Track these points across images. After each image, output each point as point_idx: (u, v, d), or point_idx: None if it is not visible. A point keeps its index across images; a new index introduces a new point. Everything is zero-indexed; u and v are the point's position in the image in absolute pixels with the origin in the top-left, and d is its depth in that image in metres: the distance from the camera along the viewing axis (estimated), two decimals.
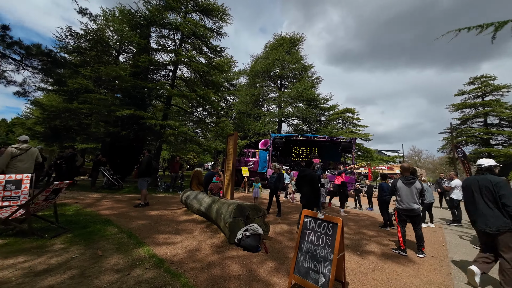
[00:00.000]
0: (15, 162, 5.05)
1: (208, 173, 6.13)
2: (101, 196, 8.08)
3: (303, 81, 18.38)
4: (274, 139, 14.99)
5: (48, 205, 3.99)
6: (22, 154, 5.23)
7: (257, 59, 21.61)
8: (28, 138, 5.66)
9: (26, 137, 5.57)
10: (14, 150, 5.11)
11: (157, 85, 9.62)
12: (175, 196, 9.17)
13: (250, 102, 20.21)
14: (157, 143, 11.24)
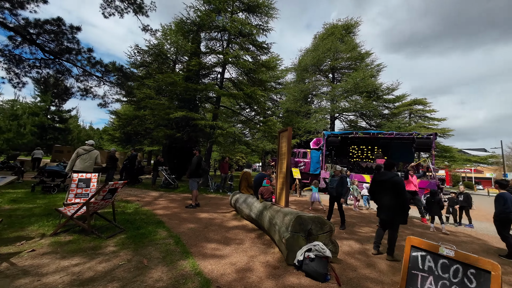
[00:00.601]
0: (79, 160, 5.88)
1: (258, 175, 5.51)
2: (158, 194, 8.52)
3: (361, 70, 15.98)
4: (327, 137, 13.47)
5: (106, 204, 4.06)
6: (85, 154, 6.06)
7: (305, 53, 20.19)
8: (93, 142, 6.65)
9: (92, 141, 6.59)
10: (80, 150, 6.03)
11: (206, 87, 9.74)
12: (225, 197, 8.98)
13: (299, 98, 18.95)
14: (208, 144, 11.44)
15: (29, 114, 24.64)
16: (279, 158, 4.69)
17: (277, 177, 4.67)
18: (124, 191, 8.68)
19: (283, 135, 4.58)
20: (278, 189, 4.51)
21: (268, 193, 4.93)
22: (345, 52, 17.06)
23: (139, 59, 18.90)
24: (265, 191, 4.92)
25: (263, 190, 4.93)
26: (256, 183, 5.39)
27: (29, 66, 13.02)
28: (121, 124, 20.01)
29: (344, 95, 15.74)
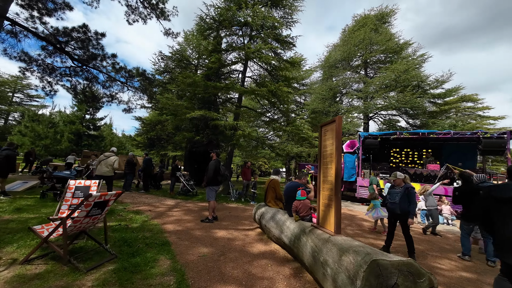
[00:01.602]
0: (100, 165, 6.76)
1: (289, 184, 4.22)
2: (174, 203, 7.65)
3: (402, 61, 13.75)
4: (365, 138, 11.64)
5: (94, 223, 3.13)
6: (104, 159, 6.86)
7: (333, 48, 18.50)
8: (115, 149, 7.46)
9: (114, 148, 7.40)
10: (102, 156, 6.91)
11: (227, 85, 8.84)
12: (248, 208, 7.80)
13: (328, 97, 17.22)
14: (229, 148, 10.47)
15: (67, 123, 26.56)
16: (321, 161, 3.37)
17: (317, 188, 3.35)
18: (139, 198, 8.00)
19: (327, 129, 3.27)
20: (321, 205, 3.18)
21: (306, 209, 3.62)
22: (381, 43, 15.00)
23: (163, 65, 19.09)
24: (301, 207, 3.62)
25: (299, 205, 3.63)
26: (287, 194, 4.11)
27: (60, 75, 13.41)
28: (145, 130, 20.32)
29: (381, 91, 13.66)
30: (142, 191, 9.69)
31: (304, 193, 3.71)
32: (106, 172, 6.69)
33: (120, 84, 14.64)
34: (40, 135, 18.94)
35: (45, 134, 19.40)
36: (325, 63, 18.51)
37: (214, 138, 10.13)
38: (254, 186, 9.00)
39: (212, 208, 5.50)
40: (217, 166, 5.48)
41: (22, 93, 43.66)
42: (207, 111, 7.97)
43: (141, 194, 9.19)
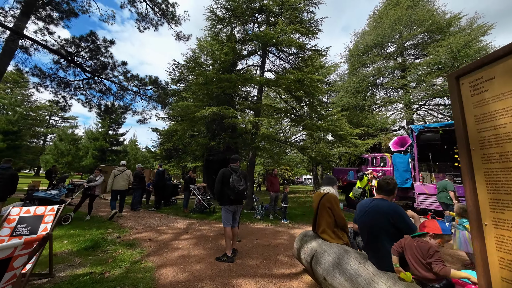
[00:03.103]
0: (116, 181, 6.72)
1: (368, 205, 2.24)
2: (186, 225, 6.01)
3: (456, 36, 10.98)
4: (420, 133, 9.20)
5: None
6: (120, 174, 6.82)
7: (361, 36, 16.22)
8: (125, 162, 7.40)
9: (124, 162, 7.38)
10: (116, 171, 6.84)
11: (243, 75, 7.26)
12: (280, 230, 5.88)
13: (361, 89, 14.82)
14: (250, 153, 8.75)
15: (92, 139, 27.24)
16: (478, 155, 1.45)
17: None
18: (145, 219, 6.52)
19: (493, 75, 1.38)
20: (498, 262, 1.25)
21: (436, 261, 1.65)
22: (424, 19, 12.40)
23: (178, 74, 18.42)
24: (420, 254, 1.67)
25: (416, 250, 1.69)
26: (368, 224, 2.16)
27: (74, 89, 12.92)
28: (162, 141, 19.61)
29: (434, 74, 10.93)
30: (152, 209, 8.30)
31: (426, 227, 1.76)
32: (123, 186, 6.80)
33: (132, 93, 13.96)
34: (63, 152, 19.19)
35: (67, 151, 19.64)
36: (353, 52, 16.23)
37: (233, 143, 8.51)
38: (285, 199, 7.08)
39: (229, 239, 3.73)
40: (225, 176, 3.77)
41: (57, 116, 47.16)
42: (222, 108, 6.40)
43: (150, 213, 7.77)
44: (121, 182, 6.75)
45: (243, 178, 3.82)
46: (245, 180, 3.84)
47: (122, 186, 6.76)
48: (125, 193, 6.94)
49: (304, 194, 19.59)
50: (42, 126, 44.63)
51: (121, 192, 6.80)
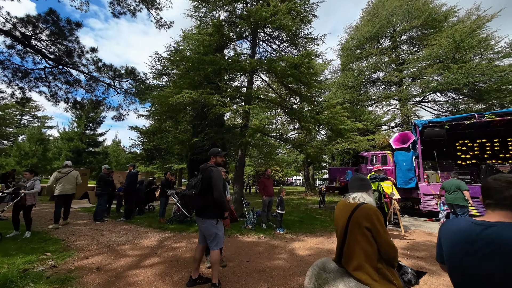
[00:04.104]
0: (61, 184, 5.90)
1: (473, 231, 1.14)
2: (156, 243, 4.71)
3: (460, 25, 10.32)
4: (423, 128, 8.44)
5: None
6: (64, 177, 5.94)
7: (355, 29, 15.47)
8: (70, 163, 6.45)
9: (69, 162, 6.48)
10: (58, 174, 5.99)
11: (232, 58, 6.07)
12: (276, 244, 4.74)
13: (356, 85, 14.04)
14: (239, 151, 7.57)
15: (66, 140, 24.89)
16: None
17: None
18: (107, 234, 5.16)
19: None
20: None
21: None
22: (422, 10, 11.80)
23: (160, 68, 16.89)
24: None
25: None
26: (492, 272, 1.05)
27: (35, 79, 11.09)
28: (143, 140, 17.92)
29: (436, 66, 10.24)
30: (121, 219, 6.89)
31: None
32: (71, 190, 6.05)
33: (105, 85, 12.36)
34: (27, 154, 17.03)
35: (32, 153, 17.47)
36: (347, 46, 15.48)
37: (219, 139, 7.28)
38: (281, 204, 5.94)
39: (215, 265, 2.60)
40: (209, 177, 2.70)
41: (30, 115, 43.49)
42: (203, 92, 5.15)
43: (117, 224, 6.37)
44: (67, 185, 5.94)
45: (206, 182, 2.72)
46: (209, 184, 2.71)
47: (69, 190, 5.98)
48: (71, 198, 6.21)
49: (296, 195, 18.63)
50: (12, 126, 40.93)
51: (67, 198, 6.04)
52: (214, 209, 2.70)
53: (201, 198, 2.73)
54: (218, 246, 2.70)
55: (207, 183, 2.69)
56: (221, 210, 2.74)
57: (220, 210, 2.73)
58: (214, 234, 2.69)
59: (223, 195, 2.69)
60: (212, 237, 2.69)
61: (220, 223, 2.81)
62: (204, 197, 2.71)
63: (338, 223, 1.93)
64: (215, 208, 2.70)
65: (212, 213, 2.70)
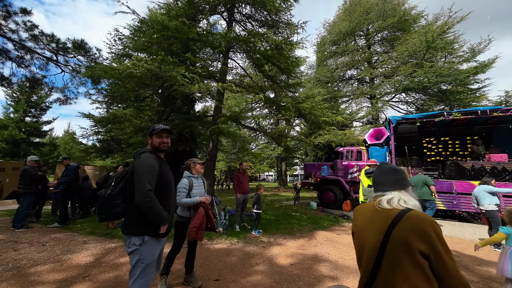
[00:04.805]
0: None
1: None
2: (94, 258, 3.57)
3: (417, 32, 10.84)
4: (397, 124, 8.50)
5: None
6: None
7: (332, 26, 15.38)
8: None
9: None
10: None
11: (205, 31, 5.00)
12: (251, 251, 3.99)
13: (332, 80, 13.96)
14: (210, 142, 6.59)
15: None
16: None
17: None
18: (23, 247, 3.80)
19: None
20: None
21: None
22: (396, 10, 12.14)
23: (121, 48, 14.63)
24: None
25: None
26: None
27: None
28: (97, 130, 15.50)
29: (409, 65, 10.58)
30: (55, 224, 5.41)
31: None
32: None
33: (43, 59, 10.09)
34: None
35: None
36: (324, 41, 15.37)
37: (187, 126, 6.18)
38: (258, 202, 5.20)
39: None
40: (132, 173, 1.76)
41: None
42: (162, 62, 4.03)
43: (47, 232, 4.92)
44: None
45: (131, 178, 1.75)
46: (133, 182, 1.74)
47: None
48: None
49: (269, 191, 18.22)
50: None
51: None
52: (139, 220, 1.71)
53: (122, 202, 1.74)
54: (140, 286, 1.71)
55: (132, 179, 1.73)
56: (151, 223, 1.71)
57: (148, 223, 1.71)
58: (135, 262, 1.71)
59: (151, 199, 1.64)
60: (132, 266, 1.73)
61: (153, 243, 1.77)
62: (128, 201, 1.75)
63: (362, 241, 1.21)
64: (139, 220, 1.70)
65: (136, 227, 1.72)
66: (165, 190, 1.85)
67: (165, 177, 1.83)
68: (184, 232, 2.75)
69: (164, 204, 1.75)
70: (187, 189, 2.79)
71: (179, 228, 2.79)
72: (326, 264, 3.47)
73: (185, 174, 2.92)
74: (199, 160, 3.02)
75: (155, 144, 1.88)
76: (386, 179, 1.26)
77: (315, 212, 8.48)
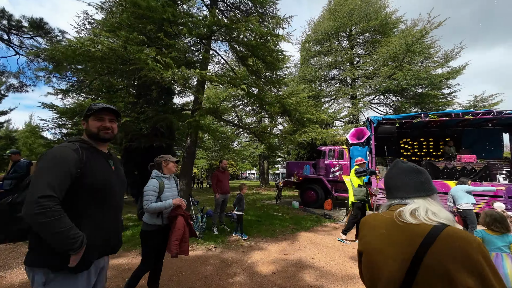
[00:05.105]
0: None
1: None
2: None
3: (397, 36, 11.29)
4: (378, 124, 8.62)
5: None
6: None
7: (318, 23, 15.42)
8: None
9: None
10: None
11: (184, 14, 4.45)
12: (230, 259, 3.61)
13: (317, 78, 13.96)
14: (188, 138, 6.06)
15: None
16: None
17: None
18: None
19: None
20: None
21: None
22: (377, 13, 12.47)
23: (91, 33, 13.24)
24: None
25: None
26: None
27: None
28: (61, 123, 13.97)
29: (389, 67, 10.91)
30: None
31: None
32: None
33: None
34: None
35: None
36: (308, 40, 15.36)
37: (161, 119, 5.59)
38: (240, 203, 4.80)
39: None
40: None
41: None
42: (129, 40, 3.44)
43: None
44: None
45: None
46: None
47: None
48: None
49: (251, 190, 17.92)
50: None
51: None
52: (42, 245, 1.10)
53: None
54: None
55: None
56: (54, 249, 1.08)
57: (52, 250, 1.09)
58: None
59: (45, 211, 1.01)
60: None
61: (64, 283, 1.13)
62: None
63: (377, 267, 0.88)
64: (43, 244, 1.09)
65: (38, 255, 1.13)
66: (97, 198, 1.24)
67: (98, 178, 1.23)
68: (156, 243, 2.29)
69: (92, 221, 1.19)
70: (157, 191, 2.32)
71: (147, 239, 2.30)
72: (311, 271, 3.21)
73: (154, 173, 2.45)
74: (172, 157, 2.55)
75: (92, 130, 1.31)
76: (406, 182, 0.95)
77: (297, 212, 8.32)
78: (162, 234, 2.33)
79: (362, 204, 4.59)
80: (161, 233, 2.32)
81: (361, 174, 4.66)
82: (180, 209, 2.35)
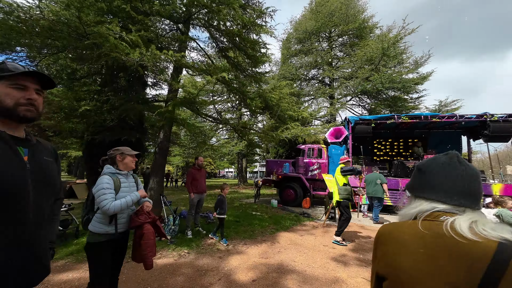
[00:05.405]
0: None
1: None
2: None
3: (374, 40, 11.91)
4: (356, 124, 8.85)
5: None
6: None
7: (298, 23, 15.51)
8: None
9: None
10: None
11: None
12: (205, 266, 3.24)
13: (296, 77, 14.03)
14: (160, 132, 5.49)
15: None
16: None
17: None
18: None
19: None
20: None
21: None
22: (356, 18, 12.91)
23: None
24: None
25: None
26: None
27: None
28: None
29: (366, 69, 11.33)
30: None
31: None
32: None
33: None
34: None
35: None
36: (289, 38, 15.40)
37: (130, 109, 4.94)
38: (221, 205, 4.39)
39: None
40: None
41: None
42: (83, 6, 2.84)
43: None
44: None
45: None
46: None
47: None
48: None
49: (229, 188, 17.49)
50: None
51: None
52: None
53: None
54: None
55: None
56: None
57: None
58: None
59: None
60: None
61: None
62: None
63: None
64: None
65: None
66: None
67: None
68: (108, 259, 1.83)
69: None
70: (112, 189, 1.86)
71: (96, 254, 1.82)
72: (293, 276, 2.99)
73: (106, 169, 1.96)
74: (130, 150, 2.07)
75: (4, 102, 0.88)
76: (458, 185, 0.70)
77: (276, 211, 8.17)
78: (116, 245, 1.89)
79: (347, 201, 4.51)
80: (115, 243, 1.87)
81: (347, 173, 4.58)
82: (144, 216, 1.92)
